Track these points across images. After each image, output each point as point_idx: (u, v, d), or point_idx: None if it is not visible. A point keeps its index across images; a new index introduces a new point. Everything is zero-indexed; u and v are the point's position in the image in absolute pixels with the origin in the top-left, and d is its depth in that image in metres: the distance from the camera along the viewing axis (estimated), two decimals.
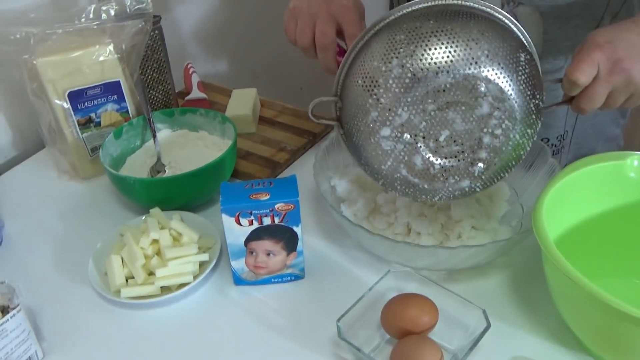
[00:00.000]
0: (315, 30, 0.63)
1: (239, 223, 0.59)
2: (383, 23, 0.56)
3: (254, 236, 0.60)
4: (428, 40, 0.52)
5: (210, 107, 0.92)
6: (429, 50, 0.51)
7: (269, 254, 0.61)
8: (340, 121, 0.60)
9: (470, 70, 0.51)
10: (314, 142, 0.86)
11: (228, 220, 0.58)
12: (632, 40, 0.54)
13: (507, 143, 0.55)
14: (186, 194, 0.71)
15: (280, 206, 0.58)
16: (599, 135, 0.89)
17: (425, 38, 0.52)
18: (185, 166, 0.76)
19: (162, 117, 0.81)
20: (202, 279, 0.63)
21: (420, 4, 0.55)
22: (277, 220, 0.59)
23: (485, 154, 0.55)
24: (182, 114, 0.81)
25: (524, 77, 0.53)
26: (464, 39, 0.51)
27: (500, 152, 0.55)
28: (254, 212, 0.58)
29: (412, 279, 0.58)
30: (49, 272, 0.67)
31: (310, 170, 0.67)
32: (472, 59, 0.51)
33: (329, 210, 0.63)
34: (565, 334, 0.56)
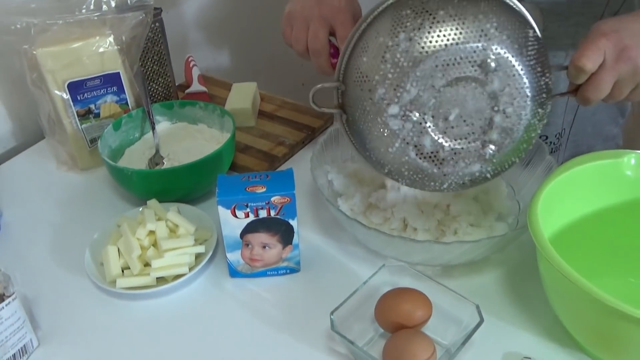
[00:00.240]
0: (308, 35, 0.63)
1: (235, 215, 0.59)
2: (386, 4, 0.55)
3: (250, 229, 0.60)
4: (436, 13, 0.51)
5: (210, 100, 0.92)
6: (437, 22, 0.50)
7: (264, 247, 0.62)
8: (343, 108, 0.58)
9: (479, 43, 0.50)
10: (313, 137, 0.86)
11: (224, 212, 0.59)
12: (638, 30, 0.54)
13: (519, 122, 0.54)
14: (184, 186, 0.71)
15: (276, 199, 0.58)
16: (598, 134, 0.89)
17: (432, 11, 0.51)
18: (183, 158, 0.76)
19: (162, 109, 0.81)
20: (197, 271, 0.63)
21: None
22: (273, 213, 0.59)
23: (496, 135, 0.54)
24: (182, 107, 0.82)
25: (533, 53, 0.52)
26: (472, 12, 0.51)
27: (511, 132, 0.54)
28: (250, 204, 0.58)
29: (406, 273, 0.58)
30: (45, 261, 0.68)
31: (308, 164, 0.67)
32: (482, 32, 0.50)
33: (326, 204, 0.63)
34: (559, 331, 0.56)
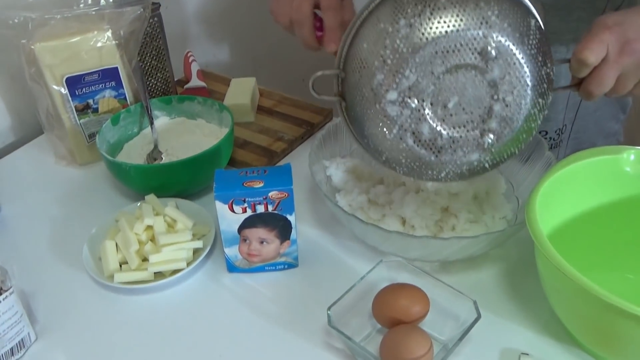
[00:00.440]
0: (292, 7, 0.62)
1: (232, 210, 0.59)
2: None
3: (248, 224, 0.60)
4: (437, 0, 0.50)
5: (209, 95, 0.92)
6: (438, 9, 0.50)
7: (262, 242, 0.61)
8: (343, 95, 0.58)
9: (480, 30, 0.50)
10: (312, 133, 0.86)
11: (222, 207, 0.58)
12: None
13: (518, 112, 0.53)
14: (182, 181, 0.71)
15: (273, 194, 0.58)
16: (599, 131, 0.89)
17: None
18: (182, 154, 0.76)
19: (160, 104, 0.81)
20: (195, 266, 0.63)
21: None
22: (270, 208, 0.59)
23: (495, 123, 0.53)
24: (180, 102, 0.81)
25: (534, 42, 0.52)
26: (474, 0, 0.50)
27: (511, 122, 0.53)
28: (247, 199, 0.58)
29: (404, 269, 0.58)
30: (44, 256, 0.68)
31: (307, 159, 0.67)
32: (483, 19, 0.50)
33: (323, 199, 0.63)
34: (557, 327, 0.56)
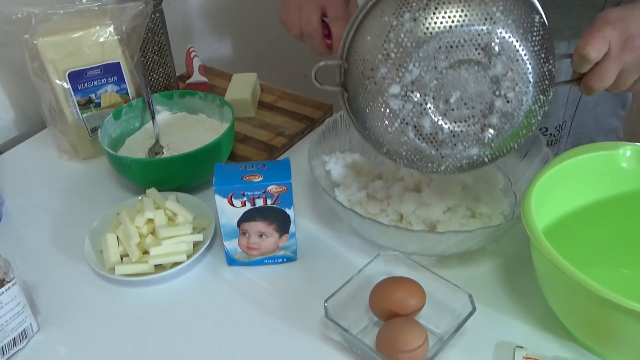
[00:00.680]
0: (301, 19, 0.65)
1: (231, 204, 0.59)
2: None
3: (247, 217, 0.61)
4: None
5: (211, 90, 0.93)
6: (443, 3, 0.50)
7: (261, 236, 0.62)
8: (345, 86, 0.58)
9: (484, 26, 0.50)
10: (312, 128, 0.87)
11: (221, 201, 0.59)
12: None
13: (520, 108, 0.53)
14: (182, 175, 0.72)
15: (272, 188, 0.59)
16: (599, 127, 0.89)
17: None
18: (183, 148, 0.77)
19: (162, 99, 0.82)
20: (195, 259, 0.64)
21: None
22: (269, 202, 0.60)
23: (496, 119, 0.53)
24: (182, 97, 0.82)
25: (538, 39, 0.52)
26: None
27: (511, 117, 0.54)
28: (246, 193, 0.59)
29: (401, 263, 0.58)
30: (46, 248, 0.68)
31: (306, 154, 0.68)
32: (487, 14, 0.50)
33: (322, 194, 0.63)
34: (552, 321, 0.56)
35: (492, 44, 0.50)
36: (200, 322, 0.59)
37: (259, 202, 0.60)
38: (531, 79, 0.52)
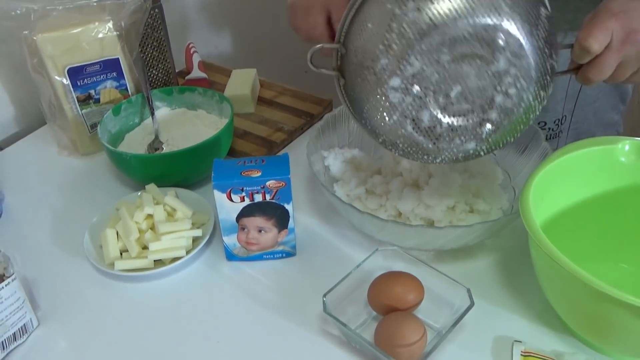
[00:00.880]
0: (308, 23, 0.65)
1: (230, 199, 0.59)
2: None
3: (246, 212, 0.61)
4: None
5: (210, 86, 0.93)
6: None
7: (260, 231, 0.62)
8: (342, 71, 0.57)
9: (490, 19, 0.48)
10: (312, 124, 0.87)
11: (220, 196, 0.59)
12: None
13: (519, 104, 0.53)
14: (182, 170, 0.72)
15: (271, 183, 0.59)
16: (598, 121, 0.89)
17: None
18: (182, 144, 0.77)
19: (161, 95, 0.82)
20: (194, 254, 0.64)
21: None
22: (268, 197, 0.60)
23: (495, 114, 0.52)
24: (181, 93, 0.82)
25: (543, 34, 0.51)
26: None
27: (511, 113, 0.53)
28: (245, 188, 0.59)
29: (400, 258, 0.59)
30: (46, 244, 0.69)
31: (305, 150, 0.68)
32: (494, 7, 0.48)
33: (321, 189, 0.63)
34: (550, 316, 0.56)
35: (498, 38, 0.49)
36: (200, 317, 0.59)
37: (258, 198, 0.60)
38: (533, 75, 0.51)
